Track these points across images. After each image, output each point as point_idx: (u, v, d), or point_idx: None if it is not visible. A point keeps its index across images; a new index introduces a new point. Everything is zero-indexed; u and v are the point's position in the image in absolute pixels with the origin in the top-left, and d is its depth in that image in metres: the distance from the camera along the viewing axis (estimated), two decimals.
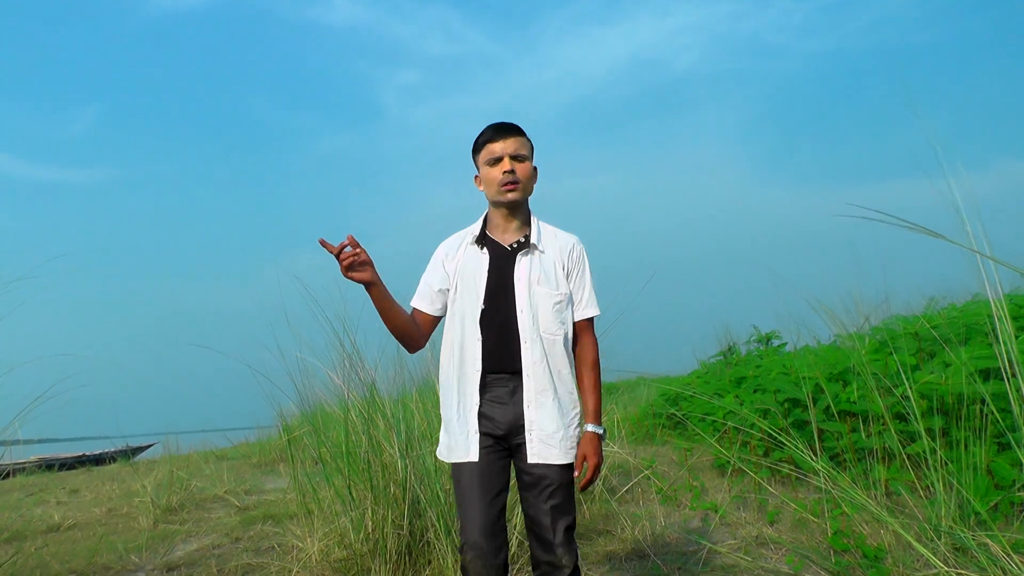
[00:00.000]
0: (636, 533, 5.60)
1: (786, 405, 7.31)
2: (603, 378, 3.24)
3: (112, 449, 23.46)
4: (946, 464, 4.72)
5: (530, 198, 3.11)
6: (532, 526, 2.96)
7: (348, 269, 2.76)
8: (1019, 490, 4.74)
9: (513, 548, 4.77)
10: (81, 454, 22.84)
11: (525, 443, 2.93)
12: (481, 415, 2.96)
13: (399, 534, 4.71)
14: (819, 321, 10.15)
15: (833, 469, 4.74)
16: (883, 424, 5.99)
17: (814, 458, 4.59)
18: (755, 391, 8.39)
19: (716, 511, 6.03)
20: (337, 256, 2.72)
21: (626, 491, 7.13)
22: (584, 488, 2.95)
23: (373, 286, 2.84)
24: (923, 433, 4.60)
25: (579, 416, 3.04)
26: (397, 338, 3.02)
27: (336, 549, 4.95)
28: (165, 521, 8.18)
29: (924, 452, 4.86)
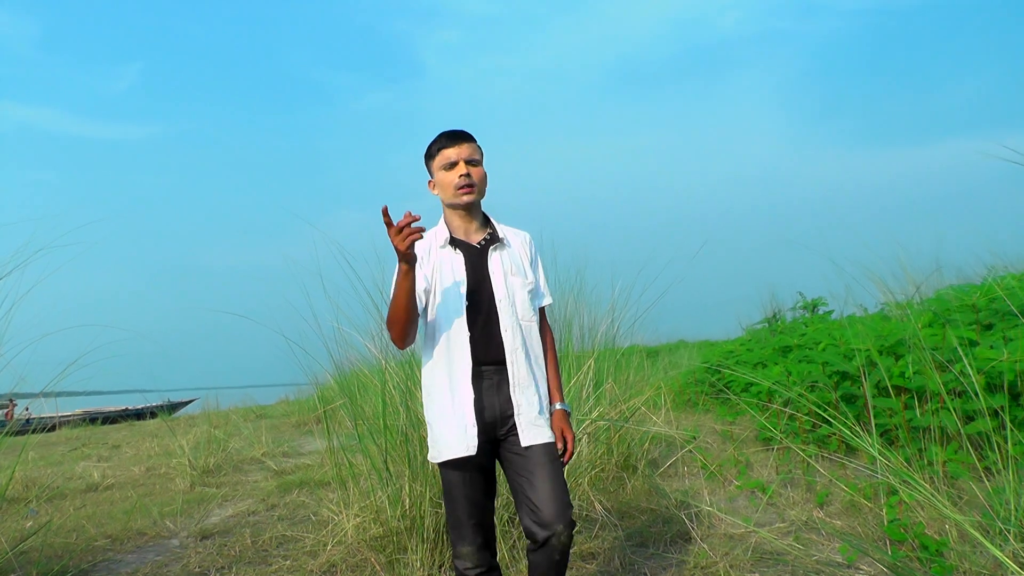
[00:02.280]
0: (681, 512, 5.43)
1: (834, 378, 7.09)
2: (645, 341, 3.33)
3: (154, 404, 23.69)
4: (1016, 445, 4.47)
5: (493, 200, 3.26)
6: (528, 504, 2.94)
7: (408, 243, 2.69)
8: None
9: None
10: (124, 408, 23.12)
11: (515, 428, 3.01)
12: (476, 409, 3.00)
13: (437, 512, 4.58)
14: (865, 289, 9.89)
15: (885, 448, 4.54)
16: (940, 402, 5.76)
17: (866, 436, 4.37)
18: (801, 362, 8.16)
19: (764, 491, 5.84)
20: (400, 227, 2.67)
21: (669, 465, 6.97)
22: (566, 463, 3.11)
23: (412, 268, 2.81)
24: (985, 412, 4.36)
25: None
26: (404, 327, 2.95)
27: (372, 526, 4.82)
28: (202, 483, 8.17)
29: (987, 433, 4.65)
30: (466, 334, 3.00)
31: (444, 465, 3.02)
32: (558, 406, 3.17)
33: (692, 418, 10.60)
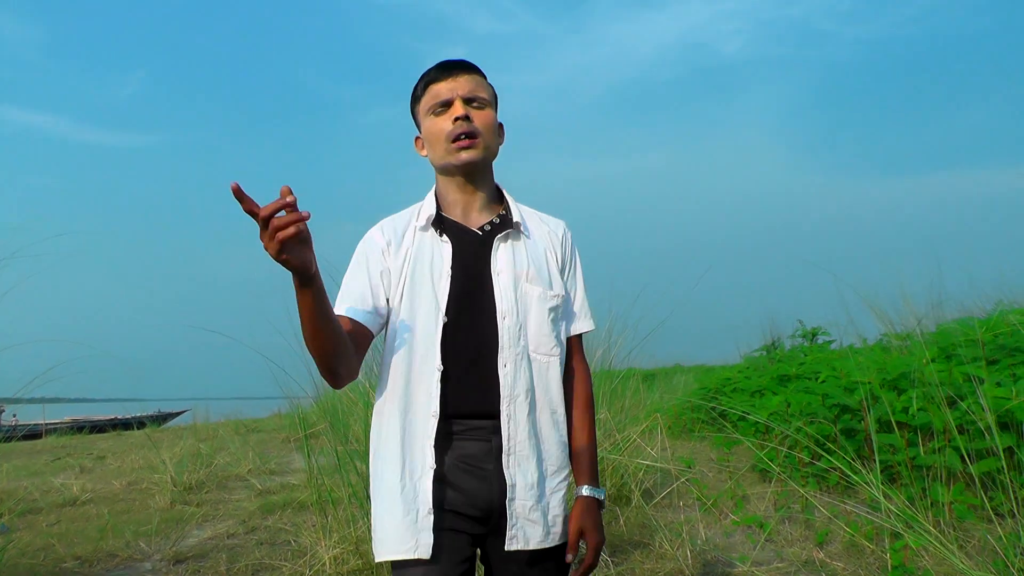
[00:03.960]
0: (676, 549, 5.22)
1: (834, 411, 6.90)
2: (641, 365, 2.37)
3: (144, 414, 23.57)
4: (1021, 488, 4.28)
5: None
6: None
7: (281, 244, 1.54)
8: None
9: None
10: (112, 417, 22.96)
11: (506, 521, 1.99)
12: (443, 484, 1.96)
13: None
14: (865, 319, 9.77)
15: (887, 486, 4.35)
16: (945, 439, 5.57)
17: (866, 473, 4.18)
18: (801, 392, 7.98)
19: (762, 527, 5.64)
20: (265, 218, 1.53)
21: (664, 496, 6.77)
22: None
23: (311, 278, 1.68)
24: (1000, 451, 4.16)
25: (567, 481, 2.12)
26: (327, 360, 1.84)
27: (351, 558, 4.62)
28: (183, 501, 7.96)
29: (996, 473, 4.46)
30: (437, 369, 1.96)
31: (395, 566, 1.95)
32: (585, 491, 2.08)
33: (688, 446, 10.41)
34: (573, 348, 2.21)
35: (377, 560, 1.96)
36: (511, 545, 1.97)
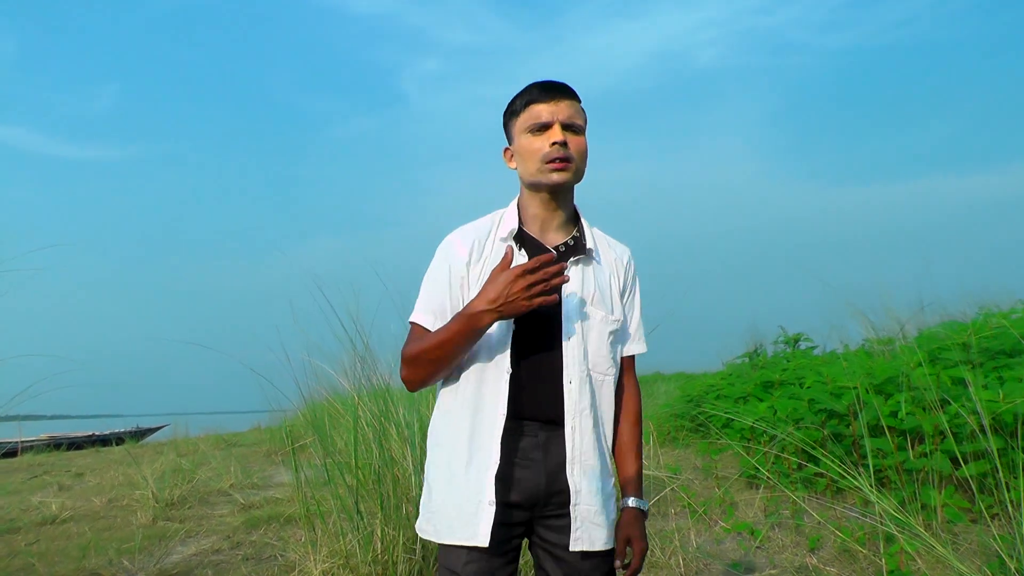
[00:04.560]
0: (668, 557, 5.18)
1: (821, 416, 6.89)
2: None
3: (122, 430, 23.35)
4: (1015, 490, 4.27)
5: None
6: None
7: (530, 305, 1.95)
8: None
9: None
10: (91, 434, 22.72)
11: (561, 514, 2.13)
12: (497, 478, 2.07)
13: (411, 558, 4.32)
14: (848, 324, 9.83)
15: (878, 490, 4.34)
16: (935, 443, 5.57)
17: (861, 477, 4.15)
18: (787, 398, 7.97)
19: (753, 534, 5.61)
20: (528, 272, 1.92)
21: (653, 504, 6.73)
22: None
23: (500, 320, 2.01)
24: (995, 453, 4.15)
25: (615, 486, 2.28)
26: (435, 378, 2.13)
27: (341, 572, 4.55)
28: (165, 517, 7.86)
29: (987, 476, 4.45)
30: (506, 373, 2.10)
31: (445, 548, 2.13)
32: (632, 502, 2.21)
33: (673, 454, 10.39)
34: (626, 367, 2.36)
35: (437, 541, 2.12)
36: (576, 546, 2.09)
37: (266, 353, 5.00)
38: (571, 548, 2.09)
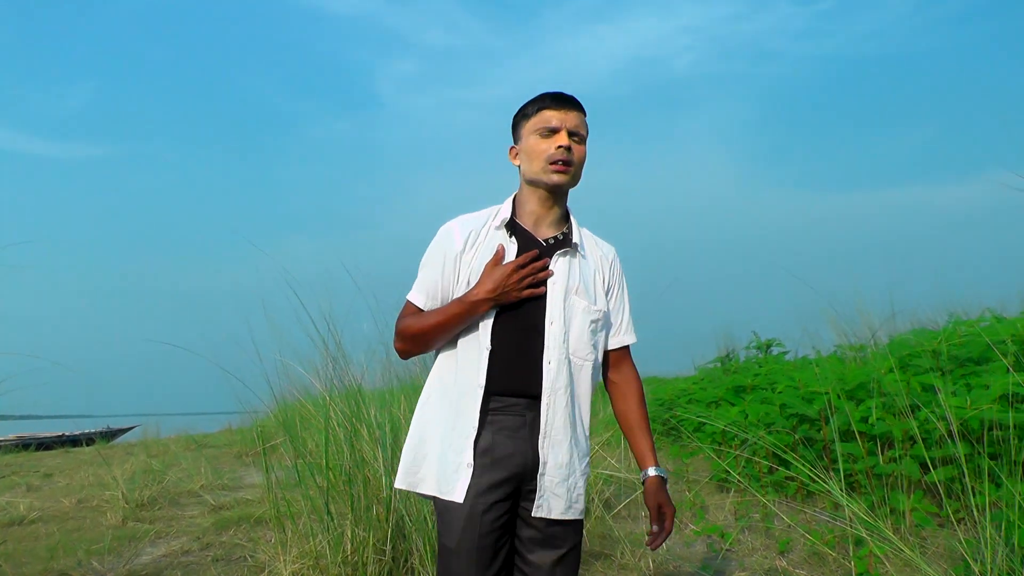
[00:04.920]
0: (637, 559, 5.19)
1: (792, 421, 6.93)
2: (594, 377, 2.64)
3: (92, 430, 23.08)
4: (980, 495, 4.30)
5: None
6: None
7: (520, 296, 2.35)
8: None
9: None
10: (61, 434, 22.44)
11: (535, 490, 2.35)
12: (483, 450, 2.32)
13: (380, 559, 4.31)
14: (820, 330, 9.89)
15: (847, 494, 4.37)
16: (904, 448, 5.61)
17: (831, 481, 4.18)
18: (759, 403, 8.00)
19: (723, 536, 5.62)
20: (518, 267, 2.33)
21: (623, 507, 6.74)
22: (655, 546, 2.45)
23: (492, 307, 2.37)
24: (962, 459, 4.19)
25: (588, 465, 2.51)
26: (428, 347, 2.48)
27: (311, 573, 4.53)
28: (135, 518, 7.79)
29: (955, 481, 4.49)
30: (487, 349, 2.35)
31: (440, 504, 2.38)
32: (652, 471, 2.49)
33: None
34: (622, 356, 2.64)
35: (411, 489, 2.44)
36: (536, 512, 2.35)
37: (238, 354, 4.98)
38: (533, 514, 2.35)
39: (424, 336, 2.41)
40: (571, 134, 2.42)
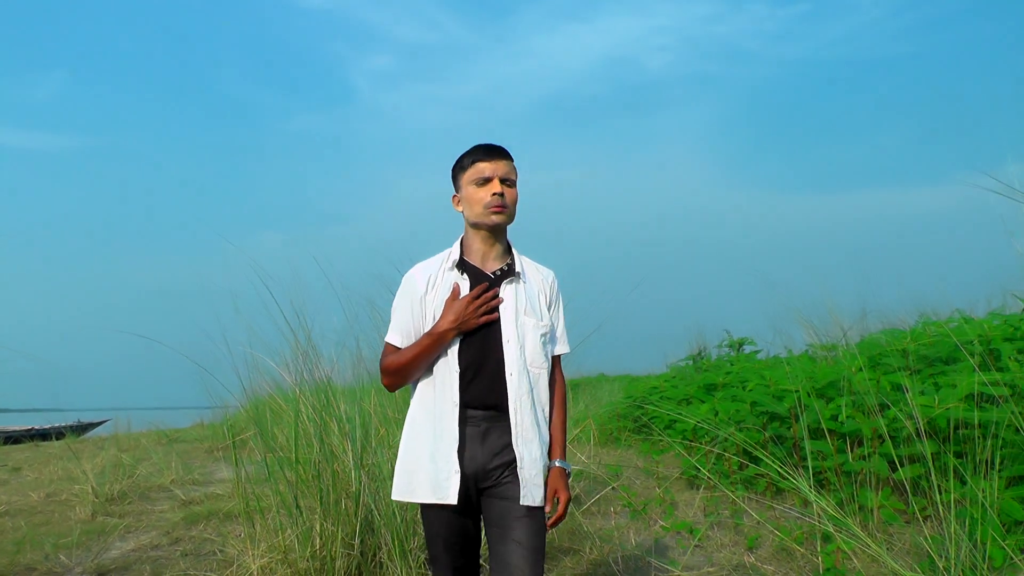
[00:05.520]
0: (606, 554, 5.21)
1: (763, 419, 6.98)
2: (566, 375, 3.11)
3: (62, 424, 22.87)
4: (946, 493, 4.35)
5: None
6: (503, 567, 2.72)
7: (477, 324, 2.74)
8: None
9: None
10: (30, 428, 22.23)
11: (499, 481, 2.75)
12: (463, 456, 2.73)
13: (349, 554, 4.30)
14: (792, 330, 9.96)
15: (817, 491, 4.40)
16: (872, 446, 5.66)
17: (796, 479, 4.21)
18: (730, 400, 8.04)
19: (692, 532, 5.65)
20: (473, 298, 2.73)
21: (593, 503, 6.75)
22: (553, 526, 2.82)
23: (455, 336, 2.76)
24: (928, 456, 4.23)
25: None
26: (409, 378, 2.85)
27: (279, 567, 4.51)
28: (105, 512, 7.74)
29: (923, 478, 4.53)
30: (455, 372, 2.74)
31: (425, 508, 2.80)
32: (557, 463, 2.88)
33: (615, 454, 10.43)
34: (554, 363, 2.98)
35: (409, 500, 2.80)
36: (524, 501, 2.69)
37: (210, 348, 4.95)
38: (520, 503, 2.69)
39: (405, 369, 2.78)
40: (503, 180, 2.80)
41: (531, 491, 2.72)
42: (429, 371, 2.80)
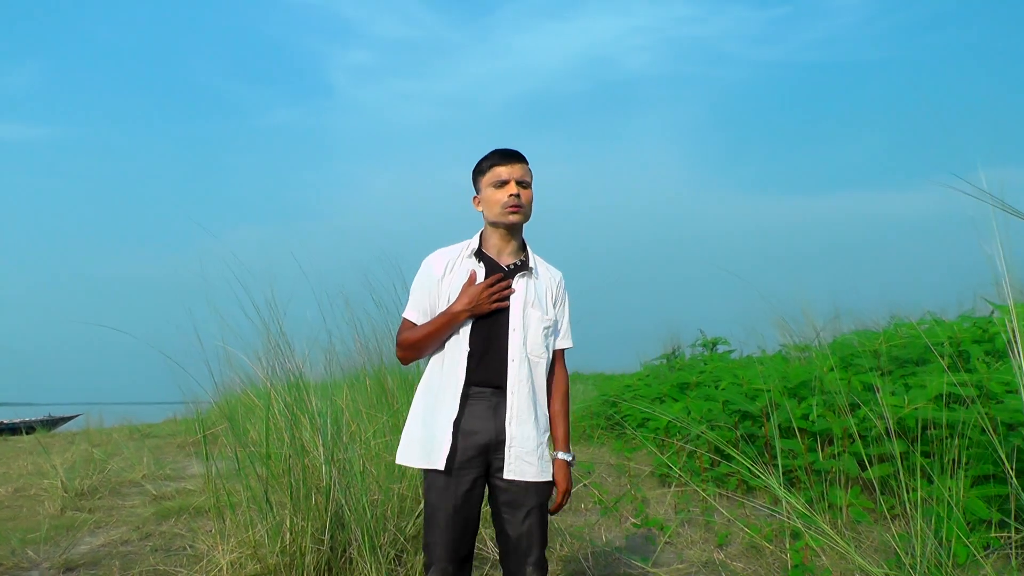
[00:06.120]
0: (576, 551, 5.22)
1: (735, 417, 7.01)
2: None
3: (33, 418, 22.69)
4: (913, 491, 4.39)
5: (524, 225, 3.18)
6: (507, 542, 2.99)
7: (490, 308, 2.96)
8: (999, 530, 4.45)
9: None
10: None
11: (504, 459, 2.94)
12: (460, 429, 2.94)
13: (319, 549, 4.29)
14: (765, 330, 10.00)
15: (787, 490, 4.43)
16: (843, 445, 5.70)
17: (766, 477, 4.24)
18: (702, 400, 8.08)
19: (662, 529, 5.67)
20: (488, 285, 2.95)
21: None
22: (554, 512, 3.09)
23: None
24: (897, 456, 4.26)
25: (549, 439, 3.09)
26: (423, 353, 3.08)
27: (249, 563, 4.49)
28: (74, 507, 7.69)
29: (891, 477, 4.56)
30: (464, 351, 2.97)
31: (426, 474, 2.98)
32: (560, 455, 3.08)
33: (587, 451, 10.46)
34: (557, 357, 3.20)
35: (404, 463, 3.02)
36: (507, 475, 2.91)
37: (182, 341, 4.91)
38: (504, 476, 2.91)
39: (420, 343, 3.02)
40: (518, 183, 3.02)
41: (518, 466, 2.92)
42: (441, 348, 3.02)
